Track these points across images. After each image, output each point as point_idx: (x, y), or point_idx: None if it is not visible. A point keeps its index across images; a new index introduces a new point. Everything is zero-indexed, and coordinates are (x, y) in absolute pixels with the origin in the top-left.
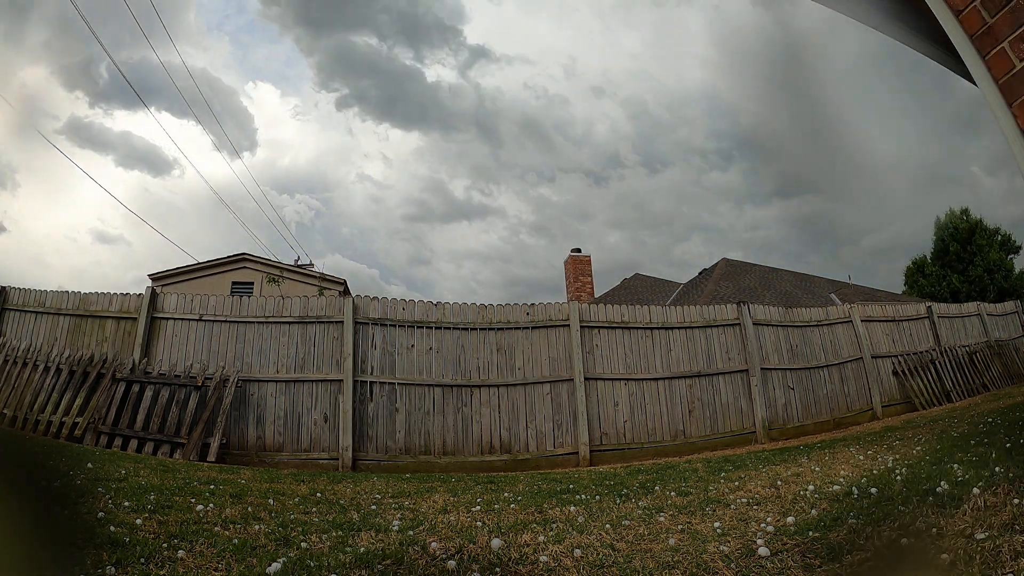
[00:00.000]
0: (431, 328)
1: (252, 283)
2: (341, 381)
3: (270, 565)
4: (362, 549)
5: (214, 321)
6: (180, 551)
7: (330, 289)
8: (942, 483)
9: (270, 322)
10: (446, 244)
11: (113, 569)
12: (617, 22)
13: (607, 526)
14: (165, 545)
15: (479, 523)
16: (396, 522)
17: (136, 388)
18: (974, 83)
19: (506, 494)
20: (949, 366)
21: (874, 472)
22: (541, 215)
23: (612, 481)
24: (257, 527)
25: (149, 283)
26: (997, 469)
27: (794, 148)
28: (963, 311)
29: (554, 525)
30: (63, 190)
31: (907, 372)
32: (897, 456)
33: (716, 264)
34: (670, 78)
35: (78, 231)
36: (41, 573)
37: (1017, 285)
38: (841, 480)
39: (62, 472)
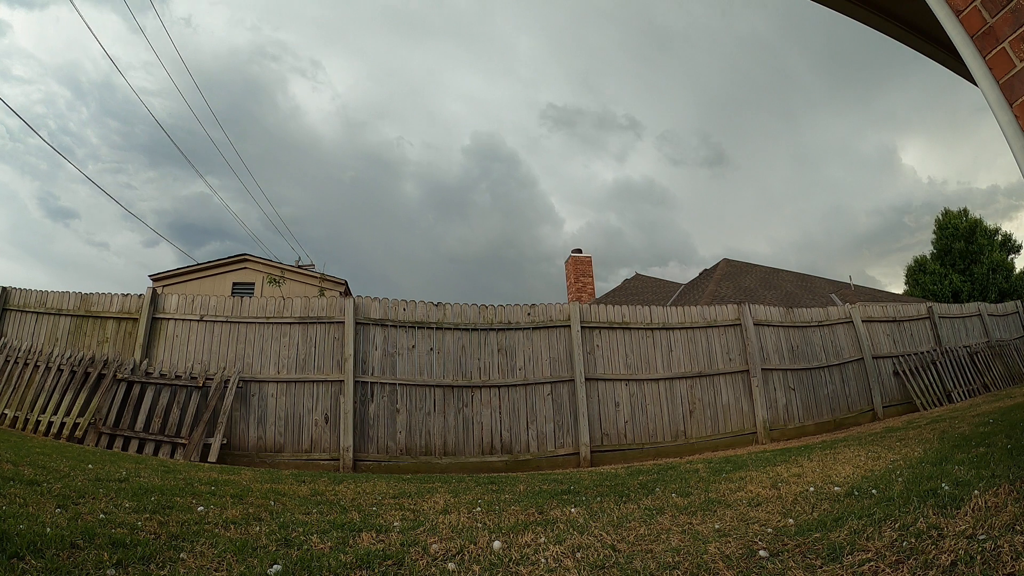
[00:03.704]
0: (432, 329)
1: (253, 284)
2: (342, 382)
3: (271, 566)
4: (363, 550)
5: (215, 322)
6: (181, 552)
7: (331, 289)
8: (943, 484)
9: (271, 323)
10: None
11: (114, 570)
12: None
13: (608, 527)
14: (166, 546)
15: (480, 524)
16: (397, 523)
17: (137, 389)
18: (974, 83)
19: (507, 495)
20: (950, 366)
21: (875, 473)
22: None
23: (613, 482)
24: (258, 528)
25: (150, 283)
26: (998, 470)
27: None
28: (964, 311)
29: (555, 526)
30: None
31: (908, 372)
32: (898, 457)
33: (717, 265)
34: None
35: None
36: None
37: (1018, 285)
38: (842, 481)
39: (63, 473)
